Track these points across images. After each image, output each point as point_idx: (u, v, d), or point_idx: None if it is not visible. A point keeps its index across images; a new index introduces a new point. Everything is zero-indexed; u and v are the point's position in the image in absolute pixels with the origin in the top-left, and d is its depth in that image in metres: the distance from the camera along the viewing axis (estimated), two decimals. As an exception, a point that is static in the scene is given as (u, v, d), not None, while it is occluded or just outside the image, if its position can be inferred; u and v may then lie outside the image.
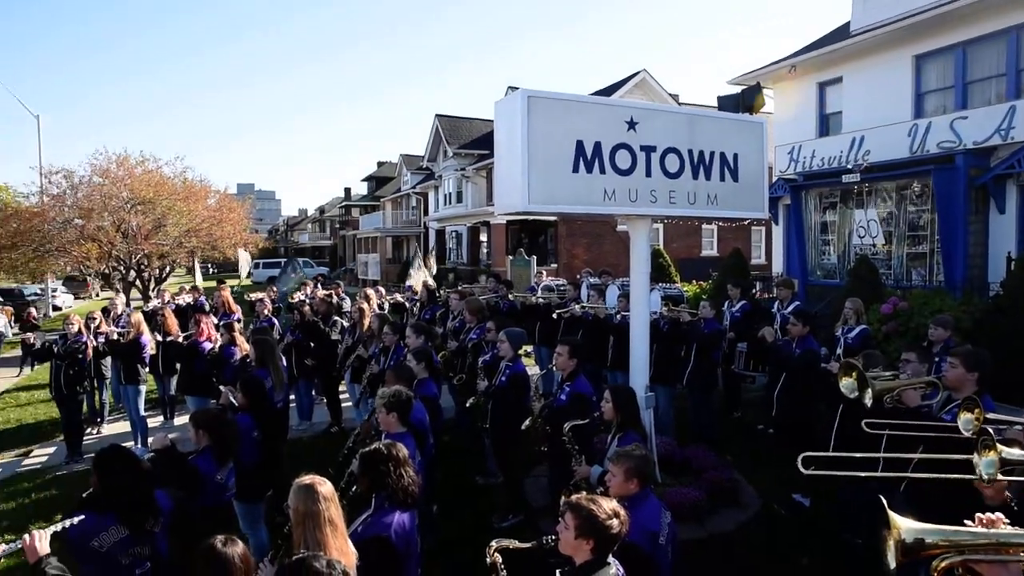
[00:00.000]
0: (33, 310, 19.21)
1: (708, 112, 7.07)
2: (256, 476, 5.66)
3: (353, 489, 3.85)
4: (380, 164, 63.10)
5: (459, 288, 12.26)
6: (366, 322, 8.73)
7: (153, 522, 3.84)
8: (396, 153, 58.63)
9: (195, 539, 4.34)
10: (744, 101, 8.85)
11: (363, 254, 50.35)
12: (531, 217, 25.47)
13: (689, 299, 13.95)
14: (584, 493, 3.23)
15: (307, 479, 3.25)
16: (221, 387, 6.47)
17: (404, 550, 3.53)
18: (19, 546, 3.25)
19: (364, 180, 63.88)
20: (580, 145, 5.58)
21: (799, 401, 7.08)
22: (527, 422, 5.98)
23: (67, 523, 3.46)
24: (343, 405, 10.20)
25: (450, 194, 37.37)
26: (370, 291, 11.87)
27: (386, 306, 11.12)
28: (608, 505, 3.06)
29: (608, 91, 28.96)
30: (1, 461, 9.88)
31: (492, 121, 6.05)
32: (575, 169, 5.57)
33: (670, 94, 29.73)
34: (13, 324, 24.18)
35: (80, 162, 46.30)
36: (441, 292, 13.07)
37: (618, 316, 9.12)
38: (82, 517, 3.54)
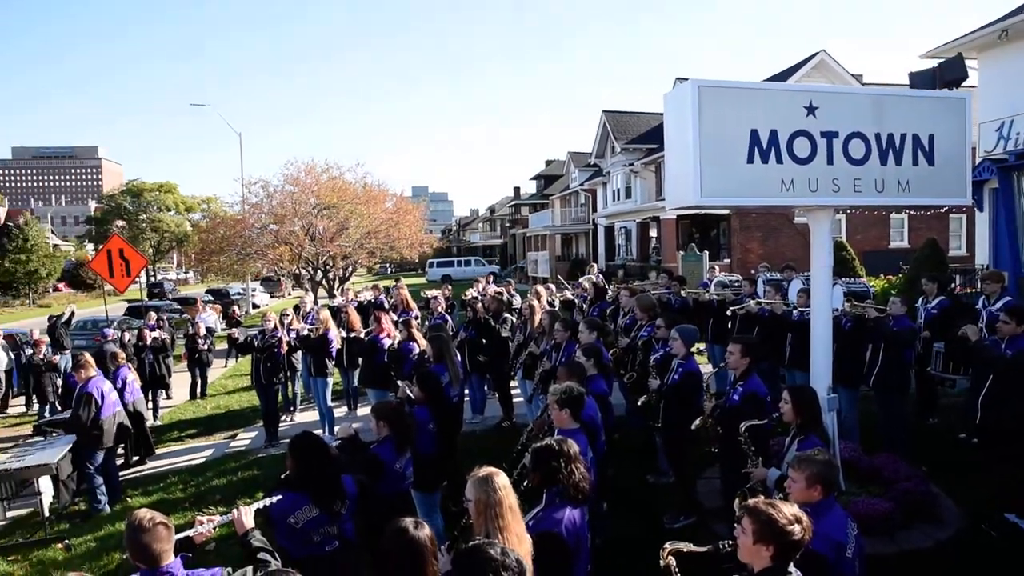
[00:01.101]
0: (236, 308, 21.19)
1: (898, 91, 6.52)
2: (432, 467, 5.86)
3: (525, 484, 3.90)
4: (548, 163, 63.88)
5: (629, 284, 12.11)
6: (537, 319, 8.80)
7: (341, 504, 4.14)
8: (564, 151, 59.08)
9: (377, 523, 4.63)
10: (942, 76, 8.03)
11: (532, 252, 51.10)
12: (703, 211, 24.69)
13: (876, 295, 12.93)
14: (761, 497, 3.06)
15: (484, 471, 3.31)
16: (399, 381, 6.68)
17: (574, 546, 3.52)
18: (229, 519, 3.64)
19: (533, 179, 64.95)
20: (755, 134, 5.33)
21: (1010, 408, 6.31)
22: (697, 422, 5.78)
23: (268, 501, 3.82)
24: (514, 400, 10.39)
25: (618, 190, 37.05)
26: (540, 288, 12.00)
27: (556, 303, 11.19)
28: (789, 510, 2.88)
29: (783, 76, 27.44)
30: (213, 442, 11.00)
31: (660, 115, 5.92)
32: (750, 160, 5.32)
33: (852, 75, 27.67)
34: (221, 320, 26.85)
35: (274, 173, 50.58)
36: (611, 288, 12.97)
37: (796, 312, 8.62)
38: (280, 496, 3.89)
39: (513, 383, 10.39)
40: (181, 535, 3.42)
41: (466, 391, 8.98)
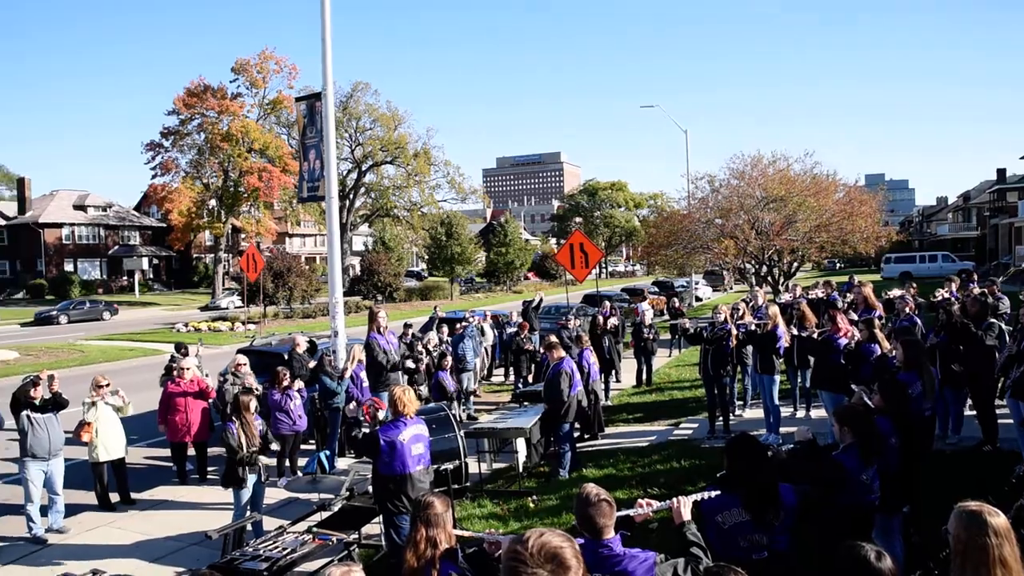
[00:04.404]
0: (677, 300, 21.82)
1: None
2: (894, 486, 5.21)
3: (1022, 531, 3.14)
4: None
5: None
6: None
7: (774, 514, 3.88)
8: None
9: (832, 535, 4.23)
10: None
11: (1022, 246, 42.72)
12: None
13: None
14: None
15: (974, 505, 2.77)
16: (854, 386, 6.23)
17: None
18: (667, 506, 3.68)
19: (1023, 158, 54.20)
20: None
21: None
22: None
23: (703, 495, 3.79)
24: (999, 422, 8.72)
25: None
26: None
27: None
28: None
29: None
30: (657, 428, 11.45)
31: None
32: None
33: None
34: (664, 312, 27.99)
35: (720, 167, 50.90)
36: None
37: None
38: (717, 493, 3.82)
39: (999, 400, 8.75)
40: (622, 513, 3.53)
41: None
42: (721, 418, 10.43)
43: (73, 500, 8.73)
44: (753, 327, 10.18)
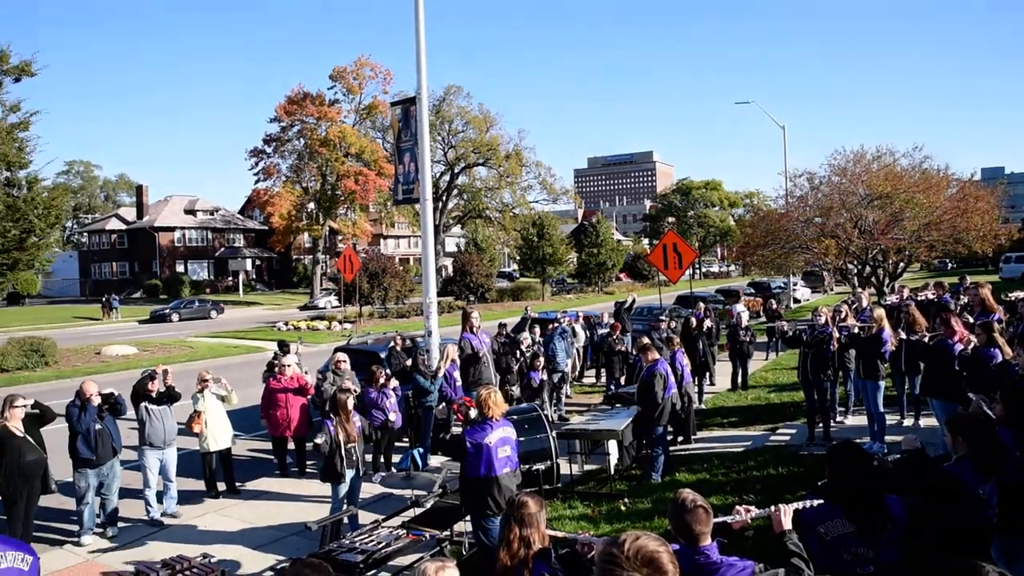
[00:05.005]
0: (774, 302, 21.14)
1: None
2: (1016, 502, 4.86)
3: None
4: None
5: None
6: None
7: (880, 527, 3.70)
8: None
9: (944, 550, 3.99)
10: None
11: None
12: None
13: None
14: None
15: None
16: (971, 394, 6.00)
17: None
18: (767, 513, 3.53)
19: None
20: None
21: None
22: None
23: (804, 504, 3.62)
24: None
25: None
26: None
27: None
28: None
29: None
30: (753, 433, 11.11)
31: None
32: None
33: None
34: (760, 314, 27.17)
35: (820, 164, 49.07)
36: None
37: None
38: (819, 502, 3.66)
39: None
40: (719, 519, 3.45)
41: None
42: (821, 424, 10.05)
43: (184, 487, 9.23)
44: (857, 330, 9.75)
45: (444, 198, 55.52)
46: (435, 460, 9.95)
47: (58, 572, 7.18)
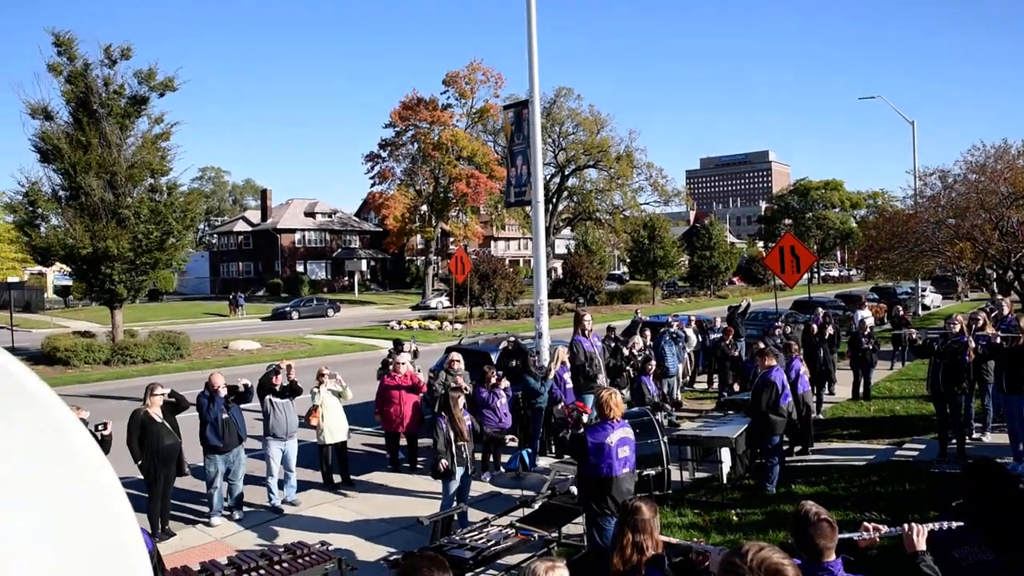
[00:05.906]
0: (900, 308, 19.97)
1: None
2: None
3: None
4: None
5: None
6: None
7: None
8: None
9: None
10: None
11: None
12: None
13: None
14: None
15: None
16: None
17: None
18: (897, 532, 3.34)
19: None
20: None
21: None
22: None
23: (941, 525, 3.38)
24: None
25: None
26: None
27: None
28: None
29: None
30: (876, 447, 10.52)
31: None
32: None
33: None
34: (885, 321, 25.73)
35: (954, 161, 46.01)
36: None
37: None
38: (959, 524, 3.38)
39: None
40: (845, 536, 3.30)
41: None
42: (954, 441, 9.41)
43: (303, 477, 9.69)
44: (998, 340, 9.05)
45: (554, 200, 55.60)
46: (543, 461, 9.98)
47: (193, 548, 7.70)
